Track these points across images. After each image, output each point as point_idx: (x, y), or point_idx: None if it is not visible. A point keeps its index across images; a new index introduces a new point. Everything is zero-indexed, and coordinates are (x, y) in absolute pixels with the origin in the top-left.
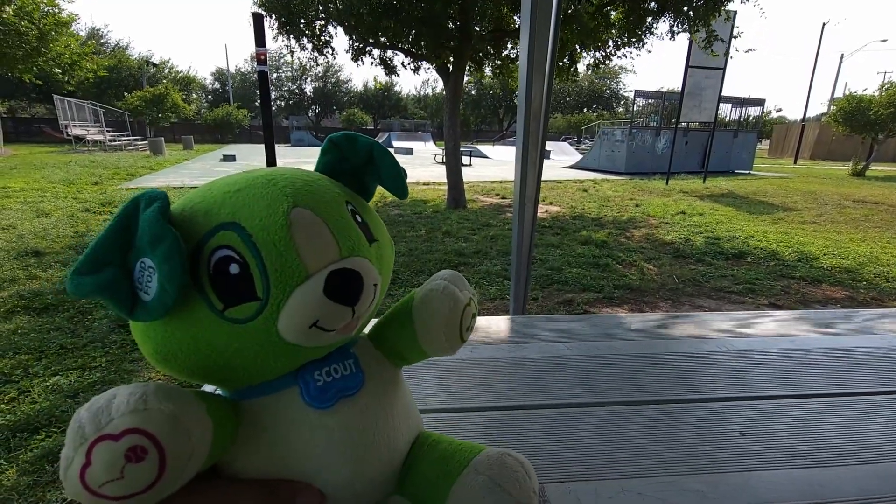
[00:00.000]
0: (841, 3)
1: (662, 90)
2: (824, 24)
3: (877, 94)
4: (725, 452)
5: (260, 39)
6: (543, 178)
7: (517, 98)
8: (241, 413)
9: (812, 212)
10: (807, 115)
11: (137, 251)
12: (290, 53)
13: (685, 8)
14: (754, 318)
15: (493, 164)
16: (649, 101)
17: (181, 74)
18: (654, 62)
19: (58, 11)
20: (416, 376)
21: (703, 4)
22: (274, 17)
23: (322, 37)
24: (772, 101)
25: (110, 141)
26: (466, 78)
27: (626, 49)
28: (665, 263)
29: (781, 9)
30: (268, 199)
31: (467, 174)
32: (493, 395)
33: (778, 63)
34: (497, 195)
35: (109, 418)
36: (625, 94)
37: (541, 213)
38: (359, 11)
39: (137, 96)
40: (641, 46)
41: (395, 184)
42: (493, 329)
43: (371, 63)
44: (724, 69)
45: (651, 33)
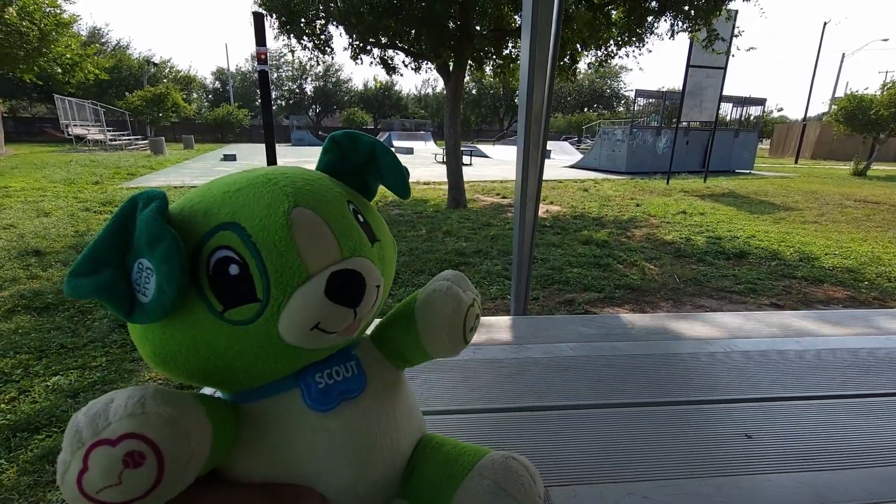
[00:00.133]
0: (842, 3)
1: (663, 89)
2: (825, 23)
3: (878, 93)
4: (732, 455)
5: (260, 39)
6: (544, 178)
7: (518, 98)
8: (242, 416)
9: (813, 211)
10: (808, 115)
11: (135, 252)
12: (291, 53)
13: (686, 7)
14: (758, 319)
15: (493, 164)
16: (650, 100)
17: (182, 74)
18: (655, 61)
19: (59, 12)
20: (419, 377)
21: (705, 3)
22: (275, 17)
23: (322, 36)
24: (773, 100)
25: (111, 140)
26: (467, 77)
27: (627, 48)
28: (666, 263)
29: (782, 8)
30: (268, 198)
31: (468, 174)
32: (497, 397)
33: (778, 63)
34: (497, 195)
35: (107, 423)
36: (625, 94)
37: (541, 212)
38: (359, 10)
39: (138, 96)
40: (642, 46)
41: (396, 183)
42: (496, 330)
43: (371, 62)
44: (725, 68)
45: (652, 32)
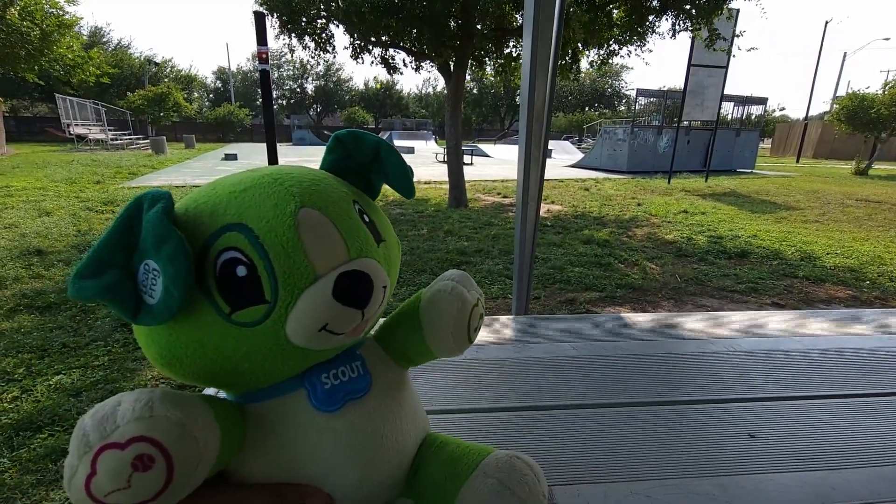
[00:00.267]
0: (843, 2)
1: (664, 89)
2: (827, 22)
3: (880, 92)
4: (734, 454)
5: (262, 38)
6: (545, 177)
7: (519, 97)
8: (248, 417)
9: (815, 211)
10: (809, 114)
11: (141, 253)
12: (291, 52)
13: (687, 6)
14: (761, 318)
15: (494, 163)
16: (651, 99)
17: (183, 73)
18: (657, 61)
19: (61, 14)
20: (422, 377)
21: (706, 3)
22: (276, 16)
23: (323, 35)
24: (774, 100)
25: (112, 140)
26: (468, 76)
27: (629, 47)
28: (667, 263)
29: (783, 8)
30: (275, 198)
31: (469, 173)
32: (500, 396)
33: (779, 62)
34: (499, 194)
35: (115, 426)
36: (627, 93)
37: (542, 212)
38: (360, 10)
39: (139, 95)
40: (643, 45)
41: (401, 182)
42: (498, 329)
43: (372, 62)
44: (726, 68)
45: (653, 31)
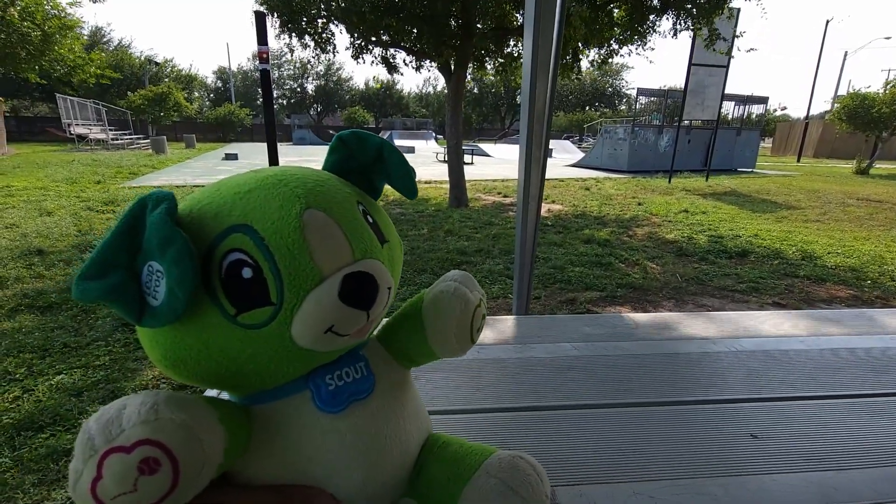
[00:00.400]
0: (844, 1)
1: (665, 88)
2: (828, 21)
3: (881, 91)
4: (738, 455)
5: (262, 38)
6: (546, 177)
7: (520, 96)
8: (252, 418)
9: (816, 210)
10: (810, 113)
11: (145, 254)
12: (291, 52)
13: (688, 5)
14: (763, 318)
15: (494, 163)
16: (652, 98)
17: (183, 73)
18: (657, 60)
19: (63, 16)
20: (424, 377)
21: (707, 2)
22: (276, 16)
23: (324, 34)
24: (775, 99)
25: (113, 140)
26: (468, 76)
27: (630, 46)
28: (668, 262)
29: (783, 7)
30: (279, 200)
31: (469, 172)
32: (502, 397)
33: (779, 62)
34: (499, 193)
35: (120, 429)
36: (627, 92)
37: (543, 211)
38: (361, 9)
39: (140, 95)
40: (644, 45)
41: (404, 183)
42: (500, 329)
43: (372, 62)
44: (727, 67)
45: (654, 31)
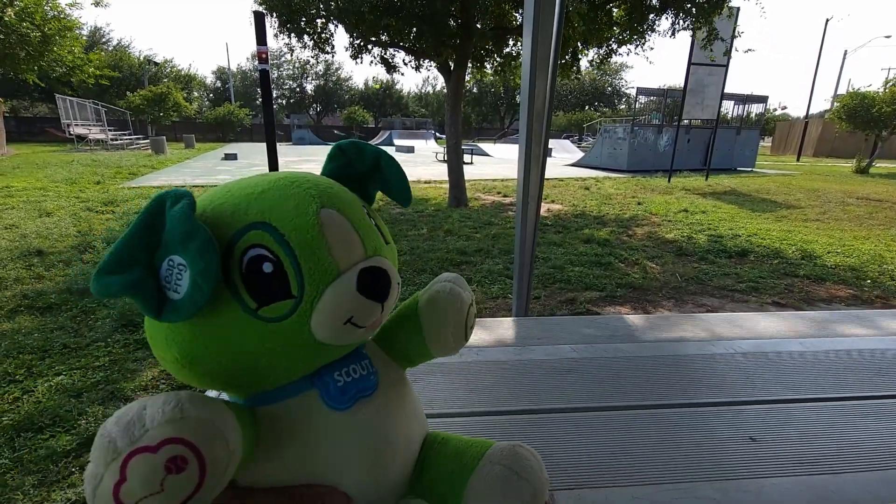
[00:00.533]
0: (844, 0)
1: (664, 87)
2: (827, 20)
3: (881, 90)
4: (736, 458)
5: (261, 38)
6: (545, 177)
7: (519, 96)
8: (259, 420)
9: (815, 209)
10: (810, 112)
11: (165, 249)
12: (290, 52)
13: (688, 5)
14: (762, 319)
15: (494, 162)
16: (651, 98)
17: (183, 73)
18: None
19: (62, 17)
20: (423, 380)
21: (706, 1)
22: (275, 16)
23: (323, 34)
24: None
25: (112, 140)
26: (468, 76)
27: (629, 46)
28: (668, 262)
29: (782, 7)
30: (296, 199)
31: (469, 172)
32: (500, 399)
33: (779, 62)
34: (499, 193)
35: (144, 430)
36: (627, 92)
37: (543, 211)
38: (360, 9)
39: (139, 95)
40: (644, 44)
41: (400, 191)
42: (498, 331)
43: (372, 62)
44: (726, 66)
45: (653, 30)
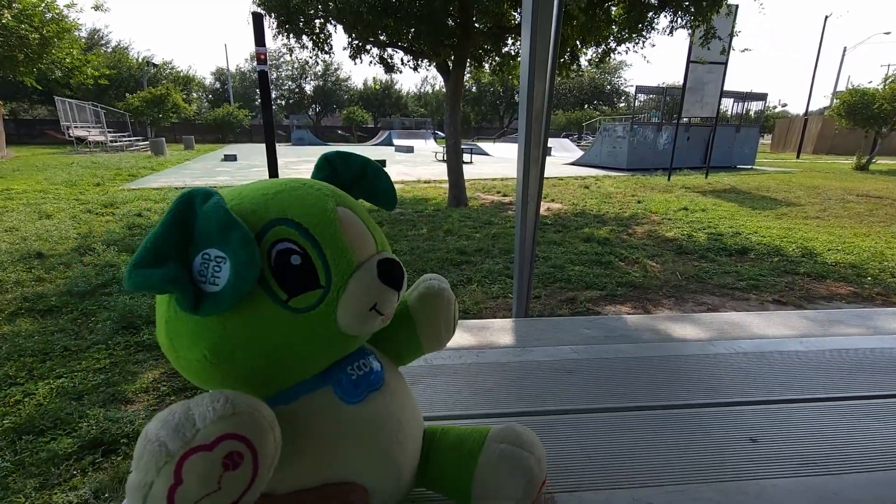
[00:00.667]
0: None
1: (664, 85)
2: (826, 17)
3: (880, 87)
4: (738, 459)
5: (260, 39)
6: (545, 176)
7: (518, 95)
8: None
9: (815, 207)
10: (809, 109)
11: (199, 244)
12: (290, 52)
13: (686, 3)
14: (762, 319)
15: (494, 162)
16: (651, 96)
17: (182, 74)
18: (656, 57)
19: (61, 19)
20: (423, 382)
21: (705, 0)
22: (273, 16)
23: (321, 35)
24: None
25: (112, 142)
26: (467, 75)
27: (627, 44)
28: (668, 260)
29: (782, 4)
30: (313, 198)
31: (468, 172)
32: (501, 401)
33: (778, 60)
34: (498, 193)
35: (195, 429)
36: (626, 90)
37: (542, 210)
38: (358, 9)
39: (139, 97)
40: (643, 43)
41: (387, 195)
42: (499, 333)
43: (370, 62)
44: (725, 64)
45: (652, 28)
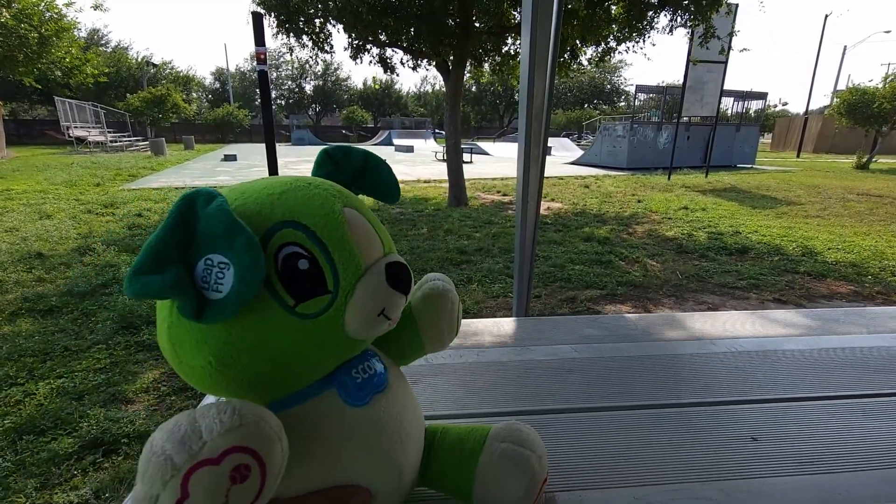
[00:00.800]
0: None
1: (663, 84)
2: (826, 16)
3: (881, 85)
4: (738, 458)
5: (259, 39)
6: (545, 175)
7: (518, 95)
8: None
9: (816, 206)
10: (810, 108)
11: (201, 248)
12: (290, 51)
13: (686, 2)
14: (763, 317)
15: (494, 161)
16: (650, 95)
17: (182, 74)
18: (656, 56)
19: (59, 18)
20: (424, 381)
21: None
22: (273, 16)
23: (321, 34)
24: (774, 95)
25: (111, 142)
26: (466, 75)
27: (627, 44)
28: (668, 259)
29: (781, 3)
30: (319, 199)
31: (468, 171)
32: (501, 401)
33: (778, 59)
34: (498, 192)
35: (202, 442)
36: (626, 89)
37: (543, 209)
38: (357, 9)
39: (139, 97)
40: (643, 42)
41: (389, 188)
42: (499, 331)
43: (370, 62)
44: (725, 63)
45: (652, 27)
